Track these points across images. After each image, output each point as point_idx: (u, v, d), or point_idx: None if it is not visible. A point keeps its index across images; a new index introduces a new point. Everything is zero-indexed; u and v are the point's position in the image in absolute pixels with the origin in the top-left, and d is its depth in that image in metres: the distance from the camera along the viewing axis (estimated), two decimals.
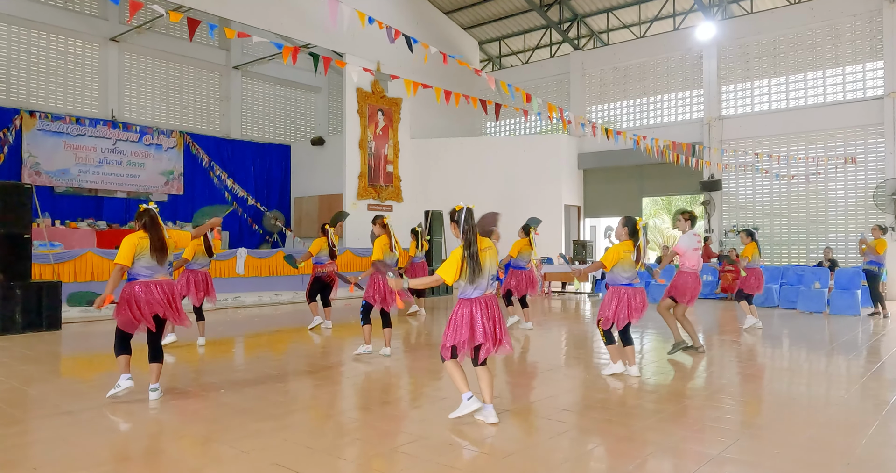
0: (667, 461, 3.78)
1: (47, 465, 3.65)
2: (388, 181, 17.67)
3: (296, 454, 3.82)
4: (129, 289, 4.96)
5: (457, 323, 4.37)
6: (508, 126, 21.24)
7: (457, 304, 4.46)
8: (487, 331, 4.34)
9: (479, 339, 4.34)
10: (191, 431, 4.34)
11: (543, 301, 13.95)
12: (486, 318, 4.35)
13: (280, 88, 19.96)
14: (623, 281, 5.94)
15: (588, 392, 5.50)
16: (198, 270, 7.74)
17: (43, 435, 4.27)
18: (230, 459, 3.74)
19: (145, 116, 16.97)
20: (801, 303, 11.74)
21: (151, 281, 5.00)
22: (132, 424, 4.58)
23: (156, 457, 3.86)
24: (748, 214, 16.07)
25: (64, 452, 3.90)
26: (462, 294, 4.44)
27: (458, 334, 4.35)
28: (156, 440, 4.21)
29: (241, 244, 16.55)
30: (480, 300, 4.40)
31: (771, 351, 7.86)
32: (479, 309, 4.36)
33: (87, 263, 10.44)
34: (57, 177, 14.96)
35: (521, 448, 4.00)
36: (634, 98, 18.33)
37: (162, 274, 5.09)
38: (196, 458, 3.80)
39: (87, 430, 4.42)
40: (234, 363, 7.09)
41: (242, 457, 3.75)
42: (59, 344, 8.08)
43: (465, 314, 4.36)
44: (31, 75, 15.05)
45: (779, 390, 5.76)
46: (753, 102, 16.27)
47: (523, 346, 8.19)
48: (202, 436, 4.19)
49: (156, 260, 5.01)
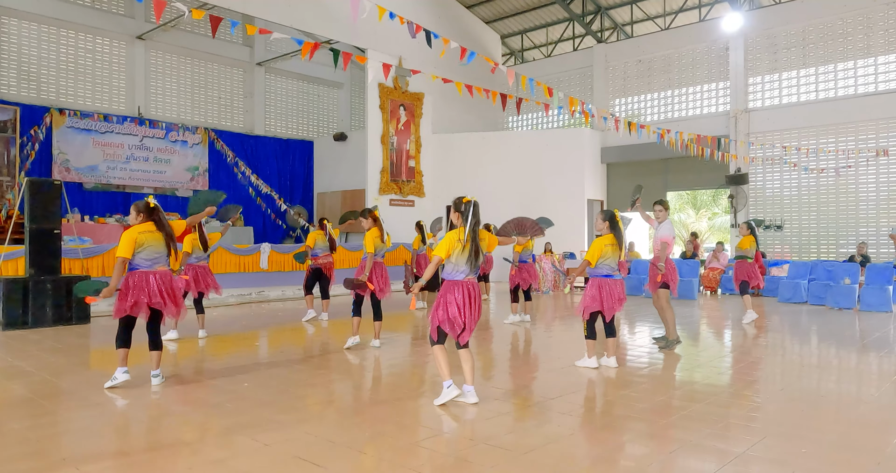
0: (690, 458, 3.73)
1: (76, 455, 3.72)
2: (410, 176, 17.68)
3: (317, 447, 3.85)
4: (126, 278, 5.18)
5: (440, 304, 4.72)
6: (531, 120, 21.12)
7: (443, 286, 4.76)
8: (465, 314, 4.66)
9: (458, 320, 4.63)
10: (214, 423, 4.39)
11: (566, 296, 13.87)
12: (466, 300, 4.68)
13: (303, 84, 20.07)
14: (603, 273, 6.07)
15: (610, 388, 5.46)
16: (195, 264, 7.78)
17: (72, 426, 4.36)
18: (252, 451, 3.77)
19: (171, 112, 17.18)
20: (831, 299, 11.51)
21: (149, 272, 5.20)
22: (158, 416, 4.65)
23: (180, 448, 3.90)
24: (775, 208, 15.80)
25: (92, 443, 3.97)
26: (450, 275, 4.76)
27: (440, 313, 4.69)
28: (180, 431, 4.26)
29: (265, 239, 16.72)
30: (464, 283, 4.73)
31: (799, 348, 7.72)
32: (461, 291, 4.69)
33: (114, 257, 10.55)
34: (86, 173, 15.23)
35: (542, 443, 3.98)
36: (659, 91, 18.09)
37: (161, 265, 5.28)
38: (219, 450, 3.84)
39: (114, 422, 4.50)
40: (257, 356, 7.15)
41: (264, 450, 3.78)
42: (88, 337, 8.23)
43: (448, 296, 4.70)
44: (61, 74, 15.31)
45: (807, 387, 5.66)
46: (781, 94, 15.96)
47: (544, 341, 8.16)
48: (225, 428, 4.24)
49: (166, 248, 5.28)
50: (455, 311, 4.65)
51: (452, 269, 4.75)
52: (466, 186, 17.39)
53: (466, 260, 4.72)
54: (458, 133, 18.73)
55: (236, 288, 12.14)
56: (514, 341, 8.10)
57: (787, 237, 15.58)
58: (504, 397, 5.05)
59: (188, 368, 6.22)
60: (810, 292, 12.31)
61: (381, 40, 16.33)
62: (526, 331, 8.73)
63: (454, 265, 4.73)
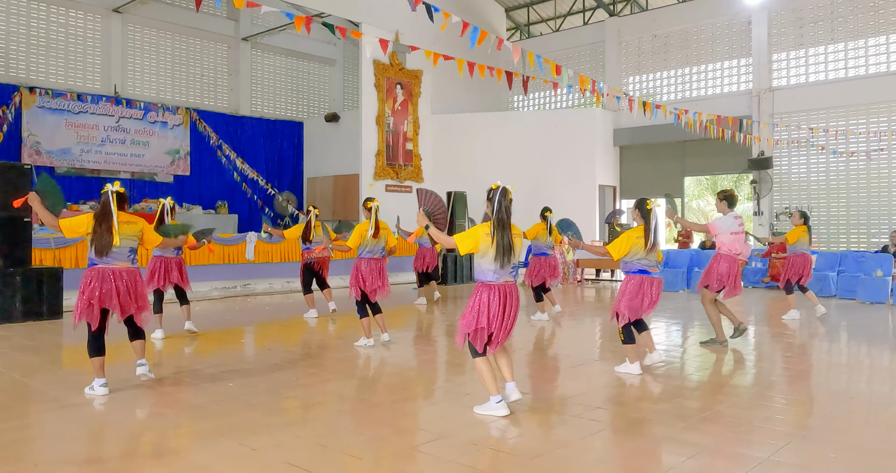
0: (710, 464, 3.72)
1: (49, 461, 3.71)
2: (407, 160, 17.63)
3: (309, 452, 3.84)
4: (85, 276, 5.02)
5: (474, 309, 4.46)
6: (537, 100, 21.03)
7: (476, 288, 4.54)
8: (500, 321, 4.42)
9: (491, 328, 4.42)
10: (197, 426, 4.37)
11: (576, 290, 13.87)
12: (500, 308, 4.43)
13: (292, 61, 19.96)
14: (636, 269, 5.85)
15: (623, 389, 5.45)
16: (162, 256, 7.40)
17: (45, 429, 4.34)
18: (239, 456, 3.76)
19: (150, 91, 17.09)
20: (862, 292, 11.50)
21: (108, 268, 5.03)
22: (136, 418, 4.65)
23: (161, 453, 3.89)
24: (802, 194, 15.76)
25: (66, 447, 3.95)
26: (482, 278, 4.52)
27: (474, 321, 4.44)
28: (161, 435, 4.25)
29: (251, 228, 16.65)
30: (500, 286, 4.48)
31: (828, 345, 7.72)
32: (495, 296, 4.44)
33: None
34: (58, 157, 15.17)
35: (550, 448, 3.97)
36: (676, 68, 18.01)
37: (121, 261, 5.09)
38: (203, 455, 3.82)
39: (90, 424, 4.49)
40: (243, 354, 7.15)
41: (252, 455, 3.77)
42: (61, 333, 8.22)
43: (483, 301, 4.45)
44: (31, 49, 15.21)
45: (836, 387, 5.65)
46: (808, 72, 15.88)
47: (553, 339, 8.15)
48: (209, 432, 4.22)
49: (93, 250, 5.00)
50: (484, 320, 4.40)
51: (479, 269, 4.52)
52: (468, 170, 17.35)
53: (494, 258, 4.43)
54: (459, 114, 18.66)
55: (220, 281, 12.12)
56: (524, 338, 8.08)
57: (815, 226, 15.52)
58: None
59: (169, 367, 6.20)
60: (839, 285, 12.30)
61: (377, 13, 16.22)
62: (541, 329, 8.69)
63: (480, 264, 4.50)
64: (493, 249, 4.43)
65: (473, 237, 4.51)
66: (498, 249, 4.42)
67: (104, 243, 4.99)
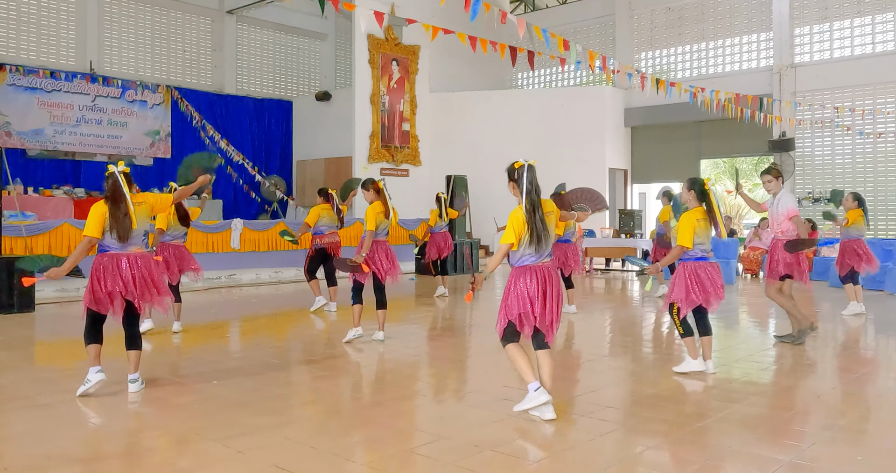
0: (729, 467, 3.70)
1: (19, 465, 3.68)
2: (403, 142, 17.56)
3: (298, 455, 3.81)
4: (96, 262, 4.94)
5: (514, 294, 4.35)
6: (544, 77, 20.93)
7: (512, 273, 4.43)
8: (542, 305, 4.31)
9: (529, 316, 4.31)
10: (178, 427, 4.35)
11: (585, 280, 13.85)
12: (539, 290, 4.32)
13: (280, 36, 19.82)
14: (695, 255, 5.59)
15: (636, 387, 5.43)
16: (169, 243, 7.41)
17: (15, 430, 4.32)
18: (223, 459, 3.73)
19: (128, 68, 16.97)
20: (890, 284, 11.47)
21: (122, 253, 4.97)
22: (113, 418, 4.62)
23: (139, 456, 3.87)
24: (826, 178, 15.73)
25: (38, 449, 3.92)
26: (518, 261, 4.41)
27: (515, 306, 4.32)
28: (139, 436, 4.22)
29: (237, 215, 16.52)
30: (539, 268, 4.38)
31: (854, 340, 7.69)
32: (533, 278, 4.34)
33: (63, 235, 10.52)
34: (30, 138, 15.08)
35: (557, 450, 3.95)
36: (691, 43, 17.95)
37: (136, 246, 5.05)
38: (184, 458, 3.80)
39: (64, 425, 4.46)
40: (228, 349, 7.13)
41: (237, 458, 3.75)
42: (33, 328, 8.20)
43: (525, 284, 4.33)
44: (1, 23, 15.07)
45: (863, 385, 5.62)
46: (832, 47, 15.82)
47: (561, 333, 8.12)
48: (191, 433, 4.20)
49: (115, 236, 4.91)
50: (527, 304, 4.30)
51: (518, 255, 4.40)
52: (468, 152, 17.30)
53: (529, 242, 4.34)
54: (459, 92, 18.58)
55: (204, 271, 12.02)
56: None
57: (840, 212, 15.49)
58: (515, 397, 5.00)
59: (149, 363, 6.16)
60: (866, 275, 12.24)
61: None
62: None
63: (521, 251, 4.38)
64: (528, 233, 4.34)
65: (517, 227, 4.36)
66: (532, 233, 4.33)
67: (125, 228, 4.93)
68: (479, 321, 8.88)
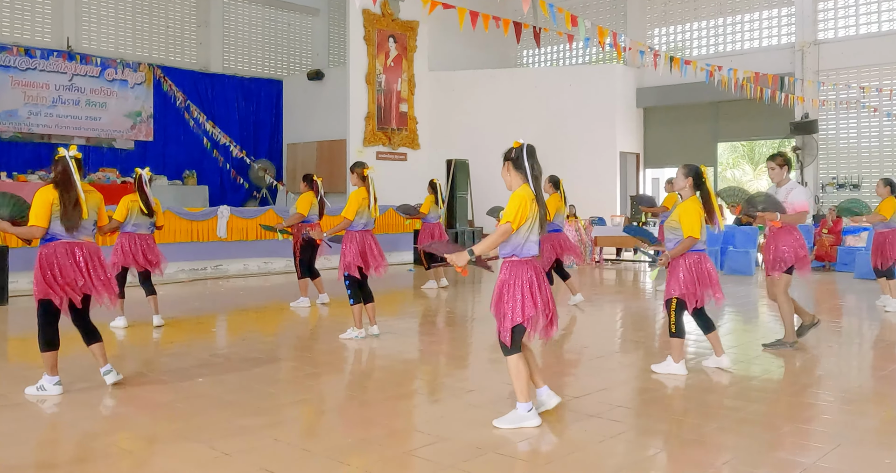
0: (746, 471, 3.70)
1: None
2: (401, 124, 17.52)
3: (289, 457, 3.82)
4: (46, 251, 4.84)
5: (523, 292, 4.16)
6: (550, 55, 20.85)
7: (509, 268, 4.23)
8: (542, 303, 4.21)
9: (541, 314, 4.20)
10: (160, 428, 4.35)
11: (594, 271, 13.85)
12: (538, 285, 4.22)
13: (270, 11, 19.73)
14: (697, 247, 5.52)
15: (648, 385, 5.42)
16: (134, 233, 7.32)
17: None
18: (208, 462, 3.73)
19: (108, 46, 16.91)
20: None
21: (73, 242, 4.92)
22: (90, 419, 4.62)
23: (118, 458, 3.86)
24: (851, 162, 15.69)
25: (12, 451, 3.92)
26: (519, 253, 4.22)
27: (527, 306, 4.15)
28: (118, 437, 4.22)
29: (223, 201, 16.52)
30: (534, 263, 4.27)
31: (880, 335, 7.69)
32: (534, 273, 4.22)
33: None
34: (3, 120, 15.05)
35: (564, 452, 3.95)
36: (708, 19, 17.86)
37: (86, 235, 5.02)
38: (168, 460, 3.80)
39: (41, 425, 4.49)
40: (213, 345, 7.13)
41: (223, 460, 3.75)
42: (6, 321, 8.22)
43: (530, 280, 4.19)
44: None
45: (892, 383, 5.62)
46: (858, 23, 15.74)
47: (569, 327, 8.12)
48: (175, 434, 4.20)
49: (63, 226, 4.86)
50: (538, 304, 4.16)
51: (521, 242, 4.20)
52: (470, 135, 17.25)
53: (540, 227, 4.23)
54: (460, 71, 18.51)
55: (188, 261, 12.07)
56: None
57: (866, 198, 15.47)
58: None
59: (131, 360, 6.18)
60: None
61: None
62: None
63: (523, 237, 4.19)
64: (535, 216, 4.20)
65: (524, 208, 4.14)
66: (537, 216, 4.22)
67: (75, 217, 4.89)
68: (479, 315, 8.87)
